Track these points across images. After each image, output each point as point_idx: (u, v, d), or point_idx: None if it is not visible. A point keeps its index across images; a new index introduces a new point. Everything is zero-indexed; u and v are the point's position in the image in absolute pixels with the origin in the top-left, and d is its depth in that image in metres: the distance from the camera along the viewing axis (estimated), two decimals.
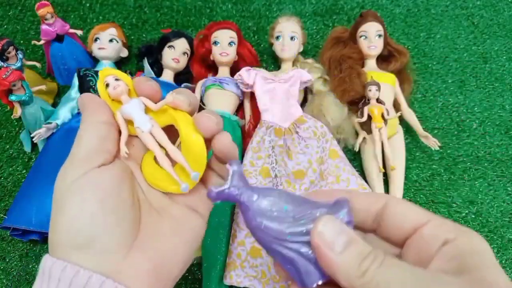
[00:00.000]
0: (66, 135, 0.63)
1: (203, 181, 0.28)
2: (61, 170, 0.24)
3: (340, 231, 0.20)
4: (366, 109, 0.64)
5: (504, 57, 0.80)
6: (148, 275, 0.23)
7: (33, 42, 0.73)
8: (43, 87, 0.66)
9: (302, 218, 0.21)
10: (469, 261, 0.19)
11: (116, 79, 0.27)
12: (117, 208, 0.24)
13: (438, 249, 0.21)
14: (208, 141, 0.26)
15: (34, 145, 0.67)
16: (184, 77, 0.72)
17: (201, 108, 0.63)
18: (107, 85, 0.27)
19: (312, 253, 0.21)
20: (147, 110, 0.27)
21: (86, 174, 0.23)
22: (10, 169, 0.66)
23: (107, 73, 0.28)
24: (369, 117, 0.63)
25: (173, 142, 0.27)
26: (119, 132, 0.27)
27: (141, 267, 0.23)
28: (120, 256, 0.23)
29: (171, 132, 0.28)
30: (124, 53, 0.74)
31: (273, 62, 0.79)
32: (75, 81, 0.68)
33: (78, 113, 0.66)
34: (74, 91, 0.67)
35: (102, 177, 0.24)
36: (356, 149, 0.64)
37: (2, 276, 0.56)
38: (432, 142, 0.64)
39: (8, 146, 0.68)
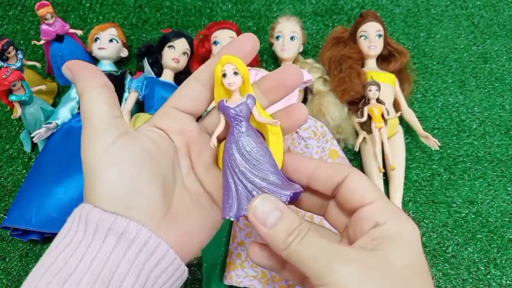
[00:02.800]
0: (66, 135, 0.63)
1: None
2: (85, 141, 0.24)
3: (273, 208, 0.23)
4: (366, 109, 0.64)
5: (504, 57, 0.80)
6: (176, 244, 0.24)
7: (33, 42, 0.73)
8: (43, 87, 0.66)
9: (260, 176, 0.25)
10: (383, 243, 0.22)
11: (235, 73, 0.26)
12: (152, 179, 0.24)
13: (368, 230, 0.23)
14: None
15: (34, 145, 0.67)
16: (184, 77, 0.71)
17: None
18: (224, 75, 0.26)
19: (244, 193, 0.25)
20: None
21: (116, 142, 0.24)
22: (10, 169, 0.66)
23: (228, 60, 0.26)
24: (369, 117, 0.63)
25: None
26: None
27: (172, 236, 0.24)
28: (155, 223, 0.23)
29: None
30: (124, 53, 0.74)
31: (273, 62, 0.79)
32: None
33: (78, 113, 0.66)
34: (74, 91, 0.67)
35: (133, 146, 0.24)
36: (356, 149, 0.64)
37: (2, 276, 0.56)
38: (432, 142, 0.64)
39: (8, 146, 0.68)
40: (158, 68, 0.71)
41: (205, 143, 0.28)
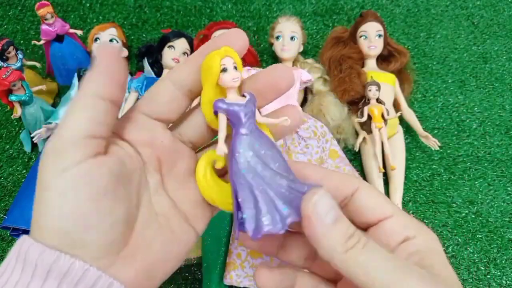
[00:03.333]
0: None
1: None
2: (47, 152, 0.20)
3: (332, 206, 0.21)
4: (366, 109, 0.64)
5: (504, 57, 0.80)
6: (135, 279, 0.21)
7: (33, 42, 0.73)
8: (43, 87, 0.66)
9: (279, 175, 0.22)
10: (426, 259, 0.21)
11: (235, 68, 0.22)
12: (113, 209, 0.21)
13: (398, 244, 0.22)
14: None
15: (34, 145, 0.67)
16: None
17: None
18: (224, 70, 0.22)
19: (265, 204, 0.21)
20: None
21: (80, 164, 0.20)
22: (10, 169, 0.66)
23: (228, 53, 0.22)
24: (369, 117, 0.63)
25: None
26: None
27: (129, 273, 0.21)
28: (110, 260, 0.20)
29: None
30: (124, 53, 0.74)
31: (273, 62, 0.79)
32: (75, 81, 0.68)
33: None
34: (74, 91, 0.67)
35: (100, 172, 0.20)
36: (356, 149, 0.64)
37: None
38: (432, 142, 0.64)
39: (8, 146, 0.68)
40: (158, 68, 0.71)
41: (179, 154, 0.25)
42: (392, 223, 0.22)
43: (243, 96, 0.23)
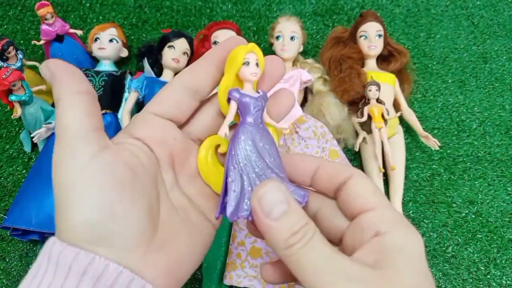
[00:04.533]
0: None
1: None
2: (58, 157, 0.20)
3: (281, 200, 0.20)
4: (366, 109, 0.64)
5: (504, 57, 0.81)
6: (165, 275, 0.22)
7: (33, 42, 0.73)
8: (43, 87, 0.66)
9: (270, 169, 0.24)
10: (387, 258, 0.20)
11: (257, 64, 0.24)
12: (136, 199, 0.21)
13: (369, 239, 0.21)
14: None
15: (34, 145, 0.67)
16: None
17: None
18: (246, 63, 0.24)
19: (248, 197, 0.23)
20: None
21: (94, 158, 0.20)
22: (10, 169, 0.66)
23: (253, 49, 0.24)
24: (369, 117, 0.63)
25: None
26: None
27: (159, 267, 0.21)
28: (140, 253, 0.21)
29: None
30: (124, 53, 0.74)
31: None
32: None
33: None
34: None
35: (117, 161, 0.21)
36: (356, 149, 0.64)
37: (2, 276, 0.56)
38: (432, 142, 0.64)
39: (8, 146, 0.68)
40: (158, 68, 0.71)
41: (190, 151, 0.26)
42: (370, 216, 0.22)
43: (257, 92, 0.25)
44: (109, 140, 0.22)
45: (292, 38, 0.69)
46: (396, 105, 0.69)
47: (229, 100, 0.25)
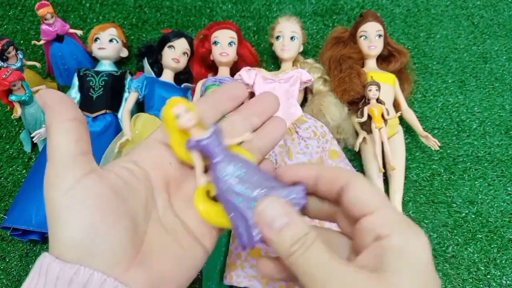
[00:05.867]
0: None
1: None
2: (48, 179, 0.22)
3: (282, 212, 0.22)
4: (366, 109, 0.64)
5: (504, 57, 0.81)
6: None
7: (33, 42, 0.73)
8: (43, 87, 0.66)
9: (258, 187, 0.25)
10: (387, 261, 0.20)
11: (186, 110, 0.26)
12: (118, 219, 0.22)
13: (371, 242, 0.22)
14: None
15: (34, 145, 0.67)
16: (184, 77, 0.72)
17: None
18: (177, 116, 0.25)
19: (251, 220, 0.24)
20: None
21: (80, 182, 0.22)
22: (10, 169, 0.66)
23: (175, 102, 0.26)
24: (369, 117, 0.63)
25: None
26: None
27: (141, 283, 0.22)
28: (121, 269, 0.22)
29: None
30: (124, 53, 0.74)
31: (273, 62, 0.79)
32: (75, 81, 0.68)
33: None
34: (74, 91, 0.68)
35: (101, 185, 0.23)
36: (356, 149, 0.64)
37: (2, 276, 0.56)
38: (432, 142, 0.64)
39: (8, 146, 0.68)
40: (158, 68, 0.71)
41: (186, 176, 0.27)
42: (370, 219, 0.22)
43: (209, 128, 0.26)
44: (95, 164, 0.24)
45: (292, 38, 0.69)
46: (396, 105, 0.69)
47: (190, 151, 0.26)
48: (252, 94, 0.66)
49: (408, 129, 0.69)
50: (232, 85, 0.30)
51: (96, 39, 0.71)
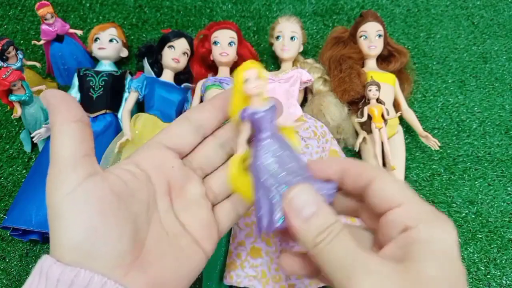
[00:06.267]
0: None
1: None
2: (50, 180, 0.22)
3: (311, 201, 0.22)
4: (366, 109, 0.64)
5: (504, 57, 0.81)
6: None
7: (33, 42, 0.73)
8: (43, 87, 0.66)
9: (293, 173, 0.24)
10: (412, 251, 0.20)
11: (257, 77, 0.26)
12: (119, 222, 0.22)
13: (397, 234, 0.22)
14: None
15: (34, 145, 0.67)
16: (184, 77, 0.72)
17: None
18: (246, 80, 0.25)
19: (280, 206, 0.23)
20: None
21: (81, 184, 0.22)
22: (10, 169, 0.66)
23: (250, 66, 0.26)
24: (369, 117, 0.63)
25: None
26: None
27: (141, 285, 0.23)
28: (122, 272, 0.22)
29: None
30: (124, 53, 0.74)
31: (273, 62, 0.79)
32: (75, 81, 0.68)
33: None
34: (74, 91, 0.68)
35: (101, 188, 0.23)
36: (356, 149, 0.64)
37: (2, 276, 0.56)
38: (432, 142, 0.64)
39: (8, 146, 0.68)
40: (158, 68, 0.71)
41: (188, 179, 0.27)
42: (397, 212, 0.22)
43: (267, 103, 0.26)
44: (97, 166, 0.23)
45: (292, 38, 0.69)
46: (396, 105, 0.69)
47: (242, 119, 0.26)
48: None
49: (408, 129, 0.69)
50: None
51: (96, 39, 0.71)
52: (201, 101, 0.68)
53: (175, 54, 0.68)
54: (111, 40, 0.71)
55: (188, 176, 0.28)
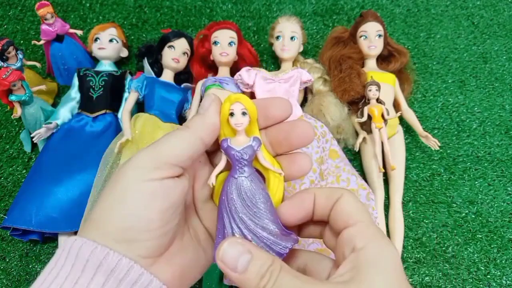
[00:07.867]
0: (66, 135, 0.63)
1: None
2: (135, 162, 0.23)
3: (242, 251, 0.23)
4: (366, 109, 0.64)
5: (504, 57, 0.80)
6: (169, 282, 0.24)
7: (33, 42, 0.73)
8: (43, 87, 0.66)
9: (261, 218, 0.25)
10: (361, 272, 0.21)
11: (244, 113, 0.25)
12: (171, 220, 0.24)
13: (349, 254, 0.22)
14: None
15: (34, 145, 0.67)
16: (184, 77, 0.72)
17: None
18: (231, 114, 0.25)
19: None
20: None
21: (163, 180, 0.23)
22: (10, 169, 0.66)
23: (237, 99, 0.25)
24: (369, 117, 0.63)
25: None
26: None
27: (165, 275, 0.24)
28: (148, 262, 0.23)
29: None
30: (124, 53, 0.74)
31: (273, 62, 0.79)
32: (75, 81, 0.68)
33: (78, 113, 0.66)
34: (74, 91, 0.67)
35: (174, 190, 0.24)
36: (356, 149, 0.64)
37: (2, 276, 0.56)
38: (432, 142, 0.64)
39: (8, 146, 0.68)
40: (158, 68, 0.71)
41: (208, 175, 0.28)
42: (349, 232, 0.23)
43: (248, 141, 0.26)
44: (180, 172, 0.25)
45: (292, 38, 0.69)
46: (396, 105, 0.69)
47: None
48: (252, 94, 0.66)
49: (408, 129, 0.69)
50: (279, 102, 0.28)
51: (96, 39, 0.71)
52: (201, 101, 0.68)
53: (175, 54, 0.68)
54: (111, 40, 0.71)
55: (209, 172, 0.29)
